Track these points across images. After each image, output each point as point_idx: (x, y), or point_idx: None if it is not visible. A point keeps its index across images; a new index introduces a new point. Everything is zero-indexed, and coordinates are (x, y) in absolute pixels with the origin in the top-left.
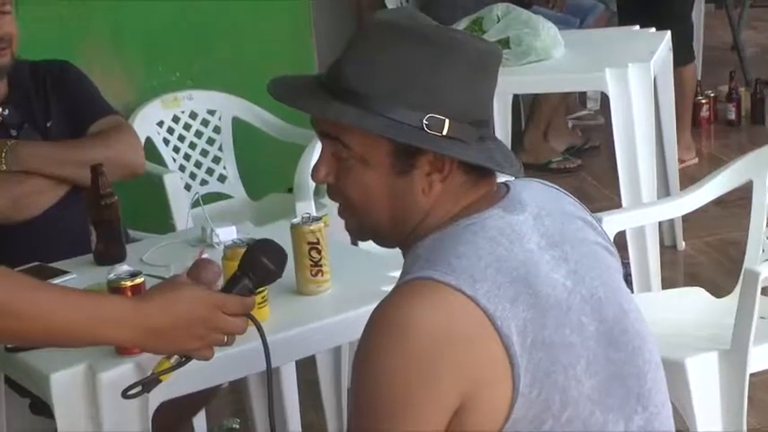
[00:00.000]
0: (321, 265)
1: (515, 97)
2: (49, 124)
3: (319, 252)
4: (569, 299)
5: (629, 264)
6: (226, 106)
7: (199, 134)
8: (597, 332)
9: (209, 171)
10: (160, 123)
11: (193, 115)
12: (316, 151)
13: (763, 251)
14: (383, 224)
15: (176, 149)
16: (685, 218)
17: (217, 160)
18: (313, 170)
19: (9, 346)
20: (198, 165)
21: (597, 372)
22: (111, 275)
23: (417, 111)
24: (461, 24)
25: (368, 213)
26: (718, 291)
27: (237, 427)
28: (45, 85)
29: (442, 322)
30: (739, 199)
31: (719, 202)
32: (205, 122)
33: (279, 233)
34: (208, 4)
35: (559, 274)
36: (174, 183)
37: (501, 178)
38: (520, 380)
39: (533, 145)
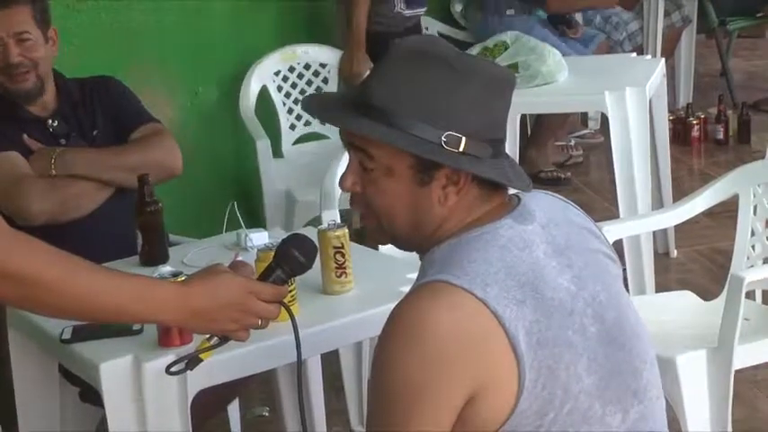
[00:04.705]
0: (345, 268)
1: (522, 117)
2: (95, 133)
3: (343, 255)
4: (573, 302)
5: (625, 269)
6: (336, 61)
7: (309, 83)
8: (598, 333)
9: None
10: (277, 72)
11: (307, 66)
12: (340, 165)
13: (748, 258)
14: (403, 229)
15: (288, 95)
16: (677, 228)
17: None
18: (341, 179)
19: (64, 337)
20: None
21: (597, 369)
22: (155, 275)
23: (437, 128)
24: (474, 50)
25: (389, 219)
26: (707, 294)
27: (267, 414)
28: (91, 98)
29: (454, 323)
30: (727, 211)
31: (709, 213)
32: (316, 73)
33: None
34: (248, 33)
35: (564, 279)
36: (264, 148)
37: (512, 191)
38: (525, 376)
39: (530, 157)
